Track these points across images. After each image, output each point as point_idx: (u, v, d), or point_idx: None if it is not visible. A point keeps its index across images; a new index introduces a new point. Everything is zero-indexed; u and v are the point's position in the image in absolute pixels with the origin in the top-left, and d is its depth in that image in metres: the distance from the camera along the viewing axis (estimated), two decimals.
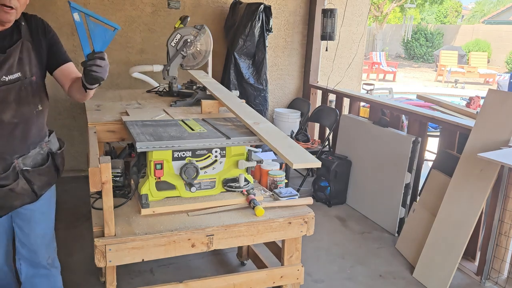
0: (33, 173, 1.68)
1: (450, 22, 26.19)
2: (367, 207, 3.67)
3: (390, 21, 22.36)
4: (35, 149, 1.70)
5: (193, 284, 1.89)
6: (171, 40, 3.03)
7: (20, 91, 1.61)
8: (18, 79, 1.59)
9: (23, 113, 1.62)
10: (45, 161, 1.73)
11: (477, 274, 2.75)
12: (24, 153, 1.66)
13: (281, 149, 1.82)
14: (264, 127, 2.07)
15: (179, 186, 1.93)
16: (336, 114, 4.08)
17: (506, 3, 25.55)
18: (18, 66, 1.60)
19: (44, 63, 1.72)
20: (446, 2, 21.93)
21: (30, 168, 1.68)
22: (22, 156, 1.65)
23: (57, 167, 1.80)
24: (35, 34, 1.68)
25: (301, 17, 4.89)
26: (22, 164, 1.65)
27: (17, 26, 1.63)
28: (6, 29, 1.60)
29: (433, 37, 20.60)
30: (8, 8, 1.51)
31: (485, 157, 2.33)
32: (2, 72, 1.54)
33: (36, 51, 1.67)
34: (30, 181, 1.67)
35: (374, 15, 18.93)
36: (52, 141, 1.81)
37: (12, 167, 1.61)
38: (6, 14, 1.52)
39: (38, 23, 1.70)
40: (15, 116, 1.60)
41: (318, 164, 1.77)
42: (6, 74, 1.55)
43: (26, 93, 1.63)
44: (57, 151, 1.81)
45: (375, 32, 20.14)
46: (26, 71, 1.63)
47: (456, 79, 14.06)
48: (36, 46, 1.67)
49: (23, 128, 1.63)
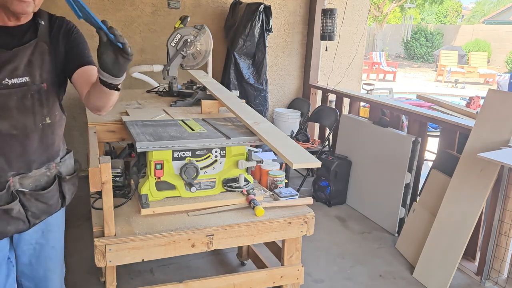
0: (30, 196, 1.42)
1: (450, 22, 26.19)
2: (367, 207, 3.67)
3: (390, 21, 22.35)
4: (40, 169, 1.45)
5: (193, 284, 1.89)
6: (171, 40, 3.03)
7: (25, 98, 1.36)
8: (25, 84, 1.36)
9: (24, 125, 1.38)
10: (48, 185, 1.47)
11: (477, 274, 2.75)
12: (23, 171, 1.41)
13: (281, 149, 1.82)
14: (264, 127, 2.07)
15: (179, 186, 1.93)
16: (336, 114, 4.08)
17: (506, 3, 25.54)
18: (27, 69, 1.36)
19: (60, 69, 1.46)
20: (446, 2, 21.92)
21: (27, 190, 1.42)
22: (20, 175, 1.40)
23: (63, 194, 1.52)
24: (55, 36, 1.44)
25: (301, 17, 4.89)
26: (19, 184, 1.40)
27: (35, 25, 1.40)
28: (21, 25, 1.37)
29: (433, 37, 20.60)
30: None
31: (485, 157, 2.33)
32: (4, 73, 1.31)
33: (52, 56, 1.43)
34: (24, 205, 1.41)
35: (374, 15, 18.93)
36: (66, 163, 1.56)
37: (7, 187, 1.37)
38: (21, 4, 1.27)
39: (62, 24, 1.48)
40: (14, 127, 1.36)
41: (318, 164, 1.77)
42: (10, 76, 1.32)
43: (31, 102, 1.38)
44: (67, 176, 1.53)
45: (375, 32, 20.14)
46: (35, 76, 1.38)
47: (456, 79, 14.06)
48: (53, 50, 1.43)
49: (22, 141, 1.39)
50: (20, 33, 1.37)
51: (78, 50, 1.48)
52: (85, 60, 1.49)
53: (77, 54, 1.48)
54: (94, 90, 1.40)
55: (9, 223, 1.39)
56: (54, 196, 1.48)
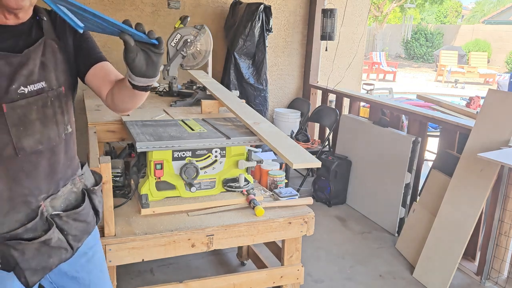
0: (67, 218, 1.23)
1: (450, 22, 26.19)
2: (367, 207, 3.67)
3: (390, 21, 22.36)
4: (66, 186, 1.27)
5: (193, 284, 1.89)
6: (171, 40, 3.02)
7: (45, 107, 1.17)
8: (42, 91, 1.16)
9: (49, 138, 1.19)
10: (79, 202, 1.30)
11: (477, 274, 2.75)
12: (53, 192, 1.22)
13: (281, 149, 1.83)
14: (264, 127, 2.07)
15: (179, 186, 1.93)
16: (336, 114, 4.08)
17: (506, 3, 25.53)
18: (41, 72, 1.17)
19: (73, 69, 1.29)
20: (446, 2, 21.93)
21: (61, 212, 1.23)
22: (50, 197, 1.21)
23: (95, 209, 1.35)
24: (61, 31, 1.25)
25: (301, 17, 4.89)
26: (51, 207, 1.21)
27: (38, 22, 1.21)
28: (22, 23, 1.17)
29: (433, 37, 20.61)
30: None
31: (485, 157, 2.33)
32: (19, 80, 1.11)
33: (64, 53, 1.25)
34: (62, 230, 1.22)
35: (374, 15, 18.93)
36: (86, 175, 1.38)
37: (40, 213, 1.17)
38: None
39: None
40: (39, 142, 1.16)
41: (318, 164, 1.77)
42: (26, 83, 1.12)
43: (52, 110, 1.19)
44: (94, 187, 1.36)
45: (375, 32, 20.14)
46: (51, 79, 1.19)
47: (456, 79, 14.06)
48: (63, 47, 1.24)
49: (49, 157, 1.20)
50: (25, 32, 1.18)
51: (88, 46, 1.31)
52: (97, 56, 1.32)
53: (88, 50, 1.30)
54: (122, 94, 1.24)
55: (50, 255, 1.19)
56: (89, 212, 1.32)
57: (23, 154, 1.13)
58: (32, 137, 1.14)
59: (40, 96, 1.16)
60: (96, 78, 1.30)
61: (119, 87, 1.24)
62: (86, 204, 1.30)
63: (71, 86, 1.29)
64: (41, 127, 1.17)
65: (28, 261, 1.15)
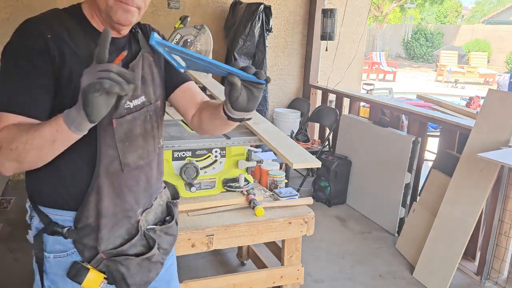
0: (160, 232, 1.25)
1: (450, 22, 26.19)
2: (367, 207, 3.67)
3: (390, 21, 22.36)
4: (157, 199, 1.28)
5: (193, 284, 1.89)
6: (171, 40, 3.02)
7: (146, 121, 1.17)
8: (143, 105, 1.16)
9: (148, 152, 1.19)
10: (165, 215, 1.32)
11: (477, 274, 2.75)
12: (147, 206, 1.23)
13: (281, 149, 1.83)
14: (264, 127, 2.08)
15: (179, 186, 1.92)
16: (336, 114, 4.08)
17: (506, 3, 25.54)
18: (142, 86, 1.16)
19: (163, 82, 1.27)
20: (446, 2, 21.93)
21: (155, 226, 1.25)
22: (145, 211, 1.22)
23: (176, 221, 1.35)
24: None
25: (301, 17, 4.89)
26: (145, 221, 1.22)
27: (134, 35, 1.20)
28: (122, 38, 1.14)
29: (433, 37, 20.61)
30: (130, 5, 1.05)
31: (485, 157, 2.33)
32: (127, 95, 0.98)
33: (157, 66, 1.23)
34: (157, 244, 1.23)
35: (374, 15, 18.93)
36: (166, 187, 1.40)
37: (139, 227, 1.19)
38: (126, 14, 1.05)
39: (153, 31, 1.25)
40: (141, 157, 1.17)
41: (318, 164, 1.76)
42: (131, 98, 1.12)
43: (151, 124, 1.19)
44: (175, 200, 1.39)
45: (375, 32, 20.14)
46: (150, 93, 1.19)
47: (456, 79, 14.06)
48: (157, 59, 1.23)
49: (147, 172, 1.20)
50: (125, 45, 1.15)
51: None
52: (184, 76, 1.30)
53: (174, 69, 1.15)
54: (214, 124, 1.21)
55: (150, 269, 1.21)
56: (174, 225, 1.32)
57: (128, 169, 1.13)
58: (136, 152, 1.14)
59: (142, 110, 1.15)
60: (182, 100, 1.30)
61: (211, 114, 1.21)
62: (173, 216, 1.32)
63: (164, 100, 1.28)
64: (143, 142, 1.16)
65: (133, 276, 1.16)
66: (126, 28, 1.13)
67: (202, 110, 1.26)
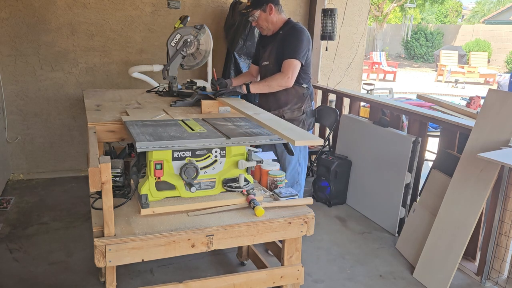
0: None
1: (450, 22, 26.20)
2: (367, 207, 3.67)
3: (390, 21, 22.36)
4: None
5: (193, 284, 1.89)
6: (171, 40, 3.02)
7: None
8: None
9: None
10: None
11: (477, 274, 2.75)
12: None
13: (283, 130, 1.91)
14: (264, 116, 2.19)
15: (179, 186, 1.93)
16: (336, 114, 4.08)
17: (506, 3, 25.54)
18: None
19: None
20: (446, 2, 21.92)
21: None
22: None
23: None
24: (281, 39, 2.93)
25: (301, 17, 4.88)
26: None
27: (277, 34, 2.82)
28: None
29: (433, 37, 20.61)
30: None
31: (485, 157, 2.33)
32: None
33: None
34: None
35: (374, 15, 18.93)
36: None
37: None
38: (263, 30, 2.80)
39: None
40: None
41: (320, 142, 1.84)
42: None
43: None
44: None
45: (375, 32, 20.14)
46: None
47: (456, 79, 14.06)
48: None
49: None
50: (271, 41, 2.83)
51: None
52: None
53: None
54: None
55: None
56: None
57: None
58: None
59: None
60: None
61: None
62: None
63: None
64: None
65: None
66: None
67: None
